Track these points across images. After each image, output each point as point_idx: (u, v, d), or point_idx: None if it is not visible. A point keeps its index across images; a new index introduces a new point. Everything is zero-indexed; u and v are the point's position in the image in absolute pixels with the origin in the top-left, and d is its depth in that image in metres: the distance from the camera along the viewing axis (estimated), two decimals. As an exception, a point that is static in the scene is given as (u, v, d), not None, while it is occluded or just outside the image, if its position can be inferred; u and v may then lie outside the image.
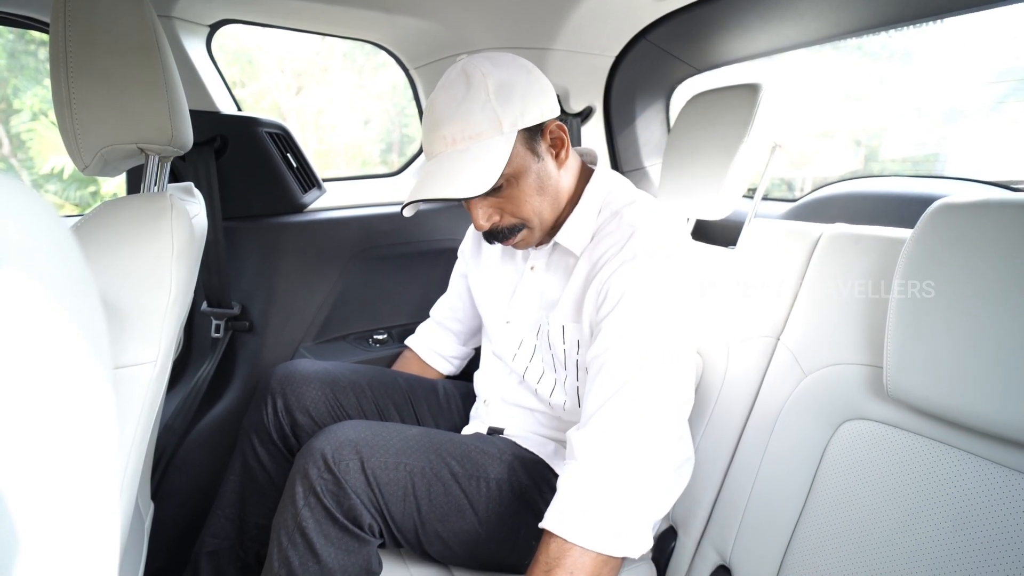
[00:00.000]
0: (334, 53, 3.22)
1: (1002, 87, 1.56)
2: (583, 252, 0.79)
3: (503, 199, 0.76)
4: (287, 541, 0.67)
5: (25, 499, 0.20)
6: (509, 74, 0.72)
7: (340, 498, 0.68)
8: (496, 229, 0.79)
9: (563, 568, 0.61)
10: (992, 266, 0.58)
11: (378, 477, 0.70)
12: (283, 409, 0.89)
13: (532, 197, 0.76)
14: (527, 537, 0.77)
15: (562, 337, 0.81)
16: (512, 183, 0.75)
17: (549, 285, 0.85)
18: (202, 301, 1.18)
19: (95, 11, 0.60)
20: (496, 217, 0.78)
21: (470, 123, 0.70)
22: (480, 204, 0.76)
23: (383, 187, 1.53)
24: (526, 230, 0.80)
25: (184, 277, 0.62)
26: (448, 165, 0.71)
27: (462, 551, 0.76)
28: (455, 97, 0.71)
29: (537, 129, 0.75)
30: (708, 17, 1.21)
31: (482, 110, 0.70)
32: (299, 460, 0.71)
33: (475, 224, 0.77)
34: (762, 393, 0.84)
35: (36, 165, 2.47)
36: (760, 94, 0.97)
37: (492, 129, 0.70)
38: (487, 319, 0.97)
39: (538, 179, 0.76)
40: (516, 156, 0.73)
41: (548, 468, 0.83)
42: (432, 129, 0.73)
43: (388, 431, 0.76)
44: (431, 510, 0.73)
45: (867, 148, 2.16)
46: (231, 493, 0.91)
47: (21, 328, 0.20)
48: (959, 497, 0.60)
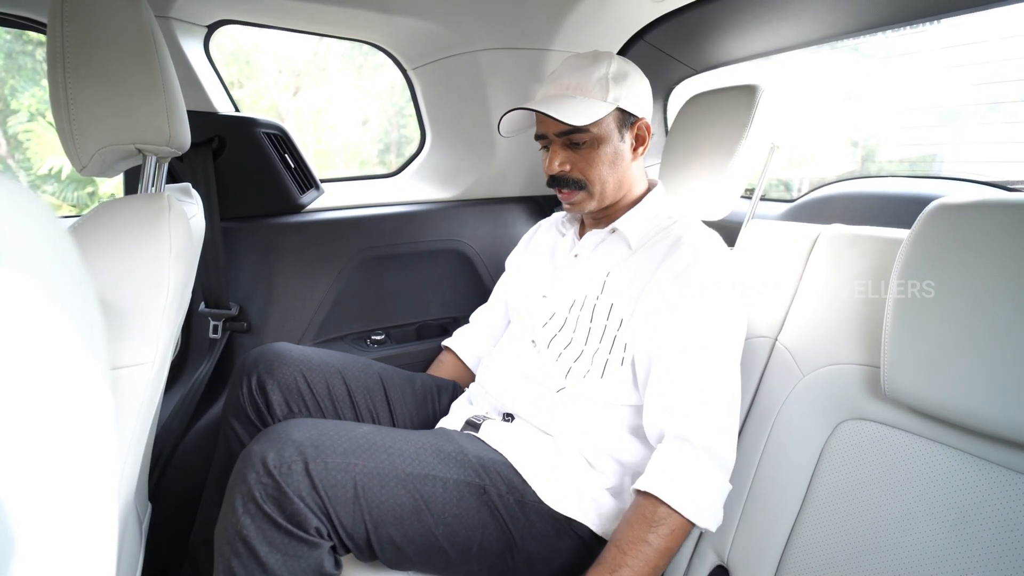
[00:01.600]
0: (332, 53, 3.22)
1: (998, 88, 1.56)
2: (640, 246, 0.89)
3: (580, 155, 0.88)
4: (229, 551, 0.64)
5: (22, 499, 0.20)
6: (630, 69, 0.89)
7: (282, 503, 0.65)
8: (563, 176, 0.90)
9: (660, 523, 0.71)
10: (989, 266, 0.58)
11: (324, 480, 0.67)
12: (257, 387, 0.88)
13: (603, 165, 0.88)
14: (485, 541, 0.75)
15: (607, 313, 0.86)
16: (593, 144, 0.87)
17: (595, 269, 0.91)
18: (200, 302, 1.18)
19: (92, 11, 0.60)
20: (567, 167, 0.89)
21: (587, 82, 0.86)
22: (561, 151, 0.89)
23: (381, 187, 1.53)
24: (585, 192, 0.90)
25: (182, 277, 0.62)
26: (555, 100, 0.85)
27: (418, 557, 0.73)
28: (583, 62, 0.88)
29: (630, 118, 0.89)
30: (706, 18, 1.21)
31: (599, 79, 0.86)
32: (238, 465, 0.68)
33: (548, 166, 0.89)
34: (760, 393, 0.85)
35: (34, 166, 2.46)
36: (759, 95, 0.98)
37: (599, 94, 0.86)
38: (521, 294, 1.03)
39: (614, 154, 0.89)
40: (606, 124, 0.87)
41: (509, 467, 0.80)
42: (553, 80, 0.89)
43: (336, 430, 0.73)
44: (383, 513, 0.70)
45: (864, 148, 2.16)
46: (218, 479, 0.90)
47: (19, 328, 0.20)
48: (957, 497, 0.60)
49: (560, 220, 1.05)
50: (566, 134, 0.87)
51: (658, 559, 0.71)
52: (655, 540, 0.70)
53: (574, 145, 0.88)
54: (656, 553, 0.70)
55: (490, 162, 1.49)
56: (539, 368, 0.90)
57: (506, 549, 0.77)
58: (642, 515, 0.72)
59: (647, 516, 0.72)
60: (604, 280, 0.89)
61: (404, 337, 1.42)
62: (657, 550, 0.70)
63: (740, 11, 1.16)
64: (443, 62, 1.35)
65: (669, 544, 0.71)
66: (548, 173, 0.90)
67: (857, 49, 1.92)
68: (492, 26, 1.23)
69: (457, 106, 1.45)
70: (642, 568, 0.70)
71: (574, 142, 0.87)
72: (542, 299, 0.96)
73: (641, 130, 0.90)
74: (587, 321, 0.87)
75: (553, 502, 0.79)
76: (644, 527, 0.71)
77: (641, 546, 0.70)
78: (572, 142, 0.87)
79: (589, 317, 0.88)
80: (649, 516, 0.72)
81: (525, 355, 0.94)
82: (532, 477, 0.80)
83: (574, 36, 1.28)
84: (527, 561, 0.78)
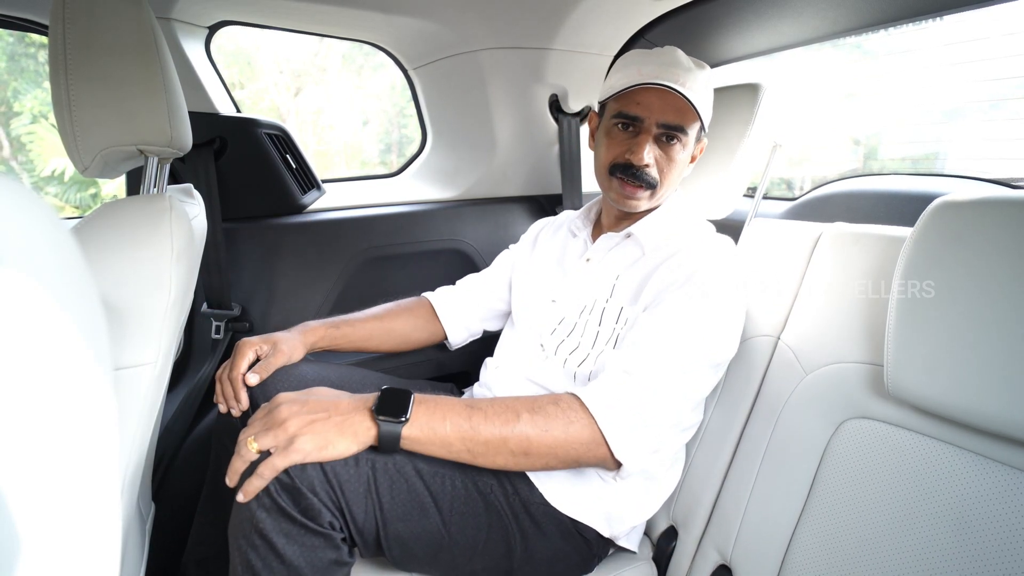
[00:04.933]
0: (333, 54, 3.22)
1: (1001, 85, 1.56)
2: (652, 250, 0.87)
3: (666, 153, 0.85)
4: (246, 544, 0.64)
5: (26, 500, 0.20)
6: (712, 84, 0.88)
7: (296, 497, 0.64)
8: (642, 170, 0.85)
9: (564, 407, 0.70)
10: (992, 263, 0.58)
11: (338, 473, 0.66)
12: (250, 407, 0.86)
13: (677, 170, 0.87)
14: (491, 540, 0.75)
15: (616, 317, 0.84)
16: (680, 148, 0.85)
17: (605, 273, 0.89)
18: (202, 302, 1.18)
19: (94, 13, 0.60)
20: (651, 161, 0.84)
21: (701, 95, 0.82)
22: (653, 144, 0.84)
23: (382, 188, 1.53)
24: (651, 192, 0.86)
25: (184, 278, 0.62)
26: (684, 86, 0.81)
27: (424, 555, 0.74)
28: (701, 68, 0.84)
29: (703, 131, 0.87)
30: (706, 16, 1.21)
31: (704, 87, 0.84)
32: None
33: (635, 155, 0.83)
34: (763, 392, 0.84)
35: (36, 168, 2.47)
36: (761, 93, 0.97)
37: (703, 110, 0.83)
38: (528, 298, 0.99)
39: (684, 163, 0.88)
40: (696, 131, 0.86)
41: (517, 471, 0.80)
42: (661, 62, 0.82)
43: None
44: (394, 508, 0.70)
45: (866, 146, 2.16)
46: (211, 497, 0.90)
47: (21, 328, 0.20)
48: (960, 495, 0.60)
49: (573, 220, 1.01)
50: (670, 128, 0.82)
51: (539, 440, 0.68)
52: (555, 421, 0.68)
53: (668, 140, 0.84)
54: (539, 430, 0.68)
55: (491, 162, 1.48)
56: (546, 373, 0.90)
57: (511, 549, 0.77)
58: (562, 399, 0.71)
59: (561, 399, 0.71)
60: (614, 284, 0.87)
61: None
62: (545, 428, 0.68)
63: (741, 9, 1.15)
64: (444, 62, 1.35)
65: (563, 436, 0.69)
66: (633, 162, 0.83)
67: (859, 47, 1.92)
68: (493, 26, 1.23)
69: (458, 106, 1.45)
70: (512, 431, 0.67)
71: (671, 137, 0.83)
72: (551, 304, 0.94)
73: (701, 147, 0.91)
74: (595, 325, 0.86)
75: (559, 504, 0.79)
76: (550, 400, 0.70)
77: (536, 416, 0.69)
78: (669, 137, 0.83)
79: (598, 321, 0.86)
80: (564, 402, 0.71)
81: (533, 359, 0.93)
82: (539, 478, 0.80)
83: (575, 35, 1.28)
84: (532, 561, 0.78)
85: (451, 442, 0.67)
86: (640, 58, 0.84)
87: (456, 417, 0.67)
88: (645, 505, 0.86)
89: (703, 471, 0.88)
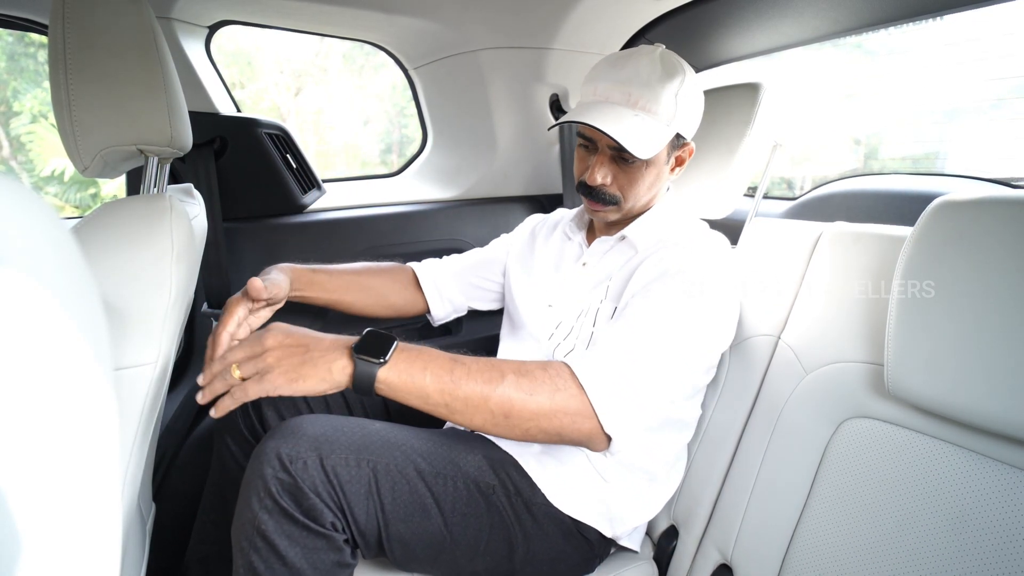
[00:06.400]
0: (333, 54, 3.22)
1: (1002, 84, 1.56)
2: (645, 250, 0.85)
3: (624, 172, 0.83)
4: (248, 546, 0.64)
5: (27, 500, 0.20)
6: (697, 90, 0.83)
7: (298, 498, 0.65)
8: (601, 190, 0.84)
9: (553, 373, 0.67)
10: (993, 263, 0.58)
11: (339, 474, 0.66)
12: (251, 403, 0.88)
13: (643, 185, 0.84)
14: (493, 541, 0.75)
15: (609, 317, 0.84)
16: (642, 165, 0.82)
17: (600, 276, 0.89)
18: (203, 302, 1.18)
19: (94, 13, 0.60)
20: (608, 180, 0.84)
21: (658, 101, 0.78)
22: (605, 163, 0.83)
23: (383, 187, 1.53)
24: (616, 207, 0.86)
25: (184, 278, 0.62)
26: (621, 118, 0.78)
27: (425, 555, 0.73)
28: (654, 69, 0.79)
29: (680, 139, 0.84)
30: (706, 16, 1.21)
31: (669, 99, 0.79)
32: (252, 462, 0.68)
33: (589, 175, 0.83)
34: (763, 391, 0.84)
35: (36, 167, 2.47)
36: (761, 93, 0.97)
37: (666, 117, 0.79)
38: (526, 304, 0.98)
39: (657, 176, 0.85)
40: (662, 150, 0.82)
41: (518, 469, 0.80)
42: (617, 78, 0.80)
43: (349, 425, 0.73)
44: (395, 509, 0.70)
45: (866, 146, 2.16)
46: (213, 496, 0.90)
47: (21, 329, 0.20)
48: (961, 494, 0.60)
49: (567, 223, 1.00)
50: (619, 150, 0.80)
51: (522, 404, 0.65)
52: (541, 386, 0.65)
53: (622, 160, 0.82)
54: (524, 394, 0.65)
55: (492, 161, 1.48)
56: None
57: (513, 550, 0.77)
58: (546, 364, 0.68)
59: (550, 365, 0.68)
60: (608, 285, 0.87)
61: (407, 337, 1.41)
62: (530, 392, 0.65)
63: (741, 8, 1.15)
64: (444, 61, 1.35)
65: (549, 404, 0.65)
66: (587, 182, 0.84)
67: (859, 46, 1.92)
68: (493, 25, 1.23)
69: (458, 106, 1.45)
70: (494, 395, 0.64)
71: (624, 158, 0.81)
72: (548, 308, 0.93)
73: (684, 153, 0.87)
74: (590, 326, 0.86)
75: (562, 504, 0.79)
76: (539, 366, 0.67)
77: (522, 379, 0.65)
78: (622, 158, 0.81)
79: (592, 322, 0.86)
80: (553, 369, 0.68)
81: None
82: (541, 478, 0.80)
83: (575, 35, 1.28)
84: (533, 562, 0.78)
85: (429, 393, 0.64)
86: (602, 71, 0.82)
87: (438, 368, 0.64)
88: (647, 505, 0.86)
89: (704, 470, 0.88)
